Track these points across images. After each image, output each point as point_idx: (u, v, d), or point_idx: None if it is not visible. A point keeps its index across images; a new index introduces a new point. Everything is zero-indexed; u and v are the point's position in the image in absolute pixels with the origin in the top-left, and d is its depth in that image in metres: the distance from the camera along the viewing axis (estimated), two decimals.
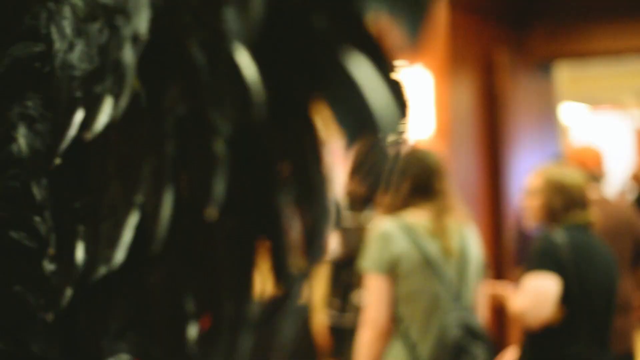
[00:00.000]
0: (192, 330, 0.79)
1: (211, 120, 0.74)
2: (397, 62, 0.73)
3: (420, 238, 4.22)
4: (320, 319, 5.89)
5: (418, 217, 4.33)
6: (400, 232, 4.25)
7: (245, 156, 0.75)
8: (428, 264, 4.19)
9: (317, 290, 5.73)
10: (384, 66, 0.73)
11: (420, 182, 4.38)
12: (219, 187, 0.74)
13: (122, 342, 0.83)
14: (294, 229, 0.76)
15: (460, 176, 7.33)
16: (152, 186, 0.79)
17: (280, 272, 0.76)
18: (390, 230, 4.26)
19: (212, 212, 0.75)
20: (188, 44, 0.75)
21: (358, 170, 0.82)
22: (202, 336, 0.78)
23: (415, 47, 0.71)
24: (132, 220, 0.79)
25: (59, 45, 0.86)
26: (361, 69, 0.72)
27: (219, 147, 0.74)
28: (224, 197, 0.74)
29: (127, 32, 0.80)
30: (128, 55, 0.79)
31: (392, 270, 4.20)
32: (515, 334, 6.82)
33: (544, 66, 9.36)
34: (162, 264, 0.81)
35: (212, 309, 0.78)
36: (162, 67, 0.79)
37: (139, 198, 0.79)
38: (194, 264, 0.80)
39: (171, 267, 0.81)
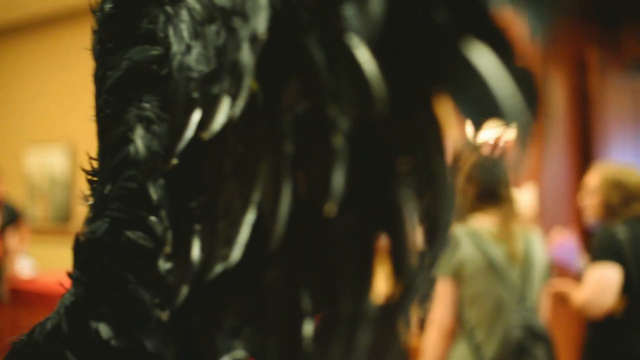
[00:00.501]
0: (308, 328, 0.79)
1: (330, 117, 0.74)
2: (523, 54, 0.73)
3: (485, 243, 4.37)
4: None
5: (484, 222, 4.49)
6: (466, 237, 4.40)
7: (365, 151, 0.75)
8: (492, 268, 4.30)
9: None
10: (509, 56, 0.72)
11: (486, 189, 4.53)
12: (338, 183, 0.74)
13: (237, 340, 0.84)
14: (415, 224, 0.75)
15: (551, 177, 7.25)
16: (269, 184, 0.80)
17: (400, 268, 0.76)
18: (456, 235, 4.40)
19: (331, 208, 0.75)
20: (306, 42, 0.76)
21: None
22: (319, 333, 0.79)
23: (544, 44, 0.71)
24: (249, 219, 0.80)
25: (176, 47, 0.88)
26: (484, 60, 0.71)
27: (338, 142, 0.74)
28: (343, 192, 0.74)
29: (244, 33, 0.81)
30: (246, 56, 0.80)
31: (458, 274, 4.34)
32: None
33: (636, 66, 9.16)
34: (279, 261, 0.81)
35: (329, 307, 0.79)
36: (280, 66, 0.80)
37: (256, 196, 0.80)
38: (311, 261, 0.80)
39: (288, 264, 0.81)
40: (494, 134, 0.77)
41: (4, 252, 7.68)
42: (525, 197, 5.86)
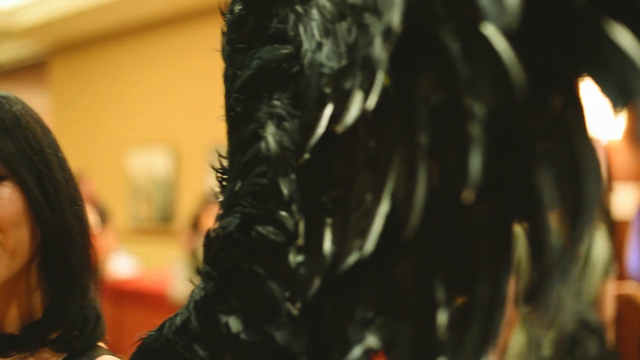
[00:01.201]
0: (443, 316, 0.79)
1: (466, 106, 0.75)
2: None
3: None
4: None
5: None
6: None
7: (502, 138, 0.76)
8: None
9: None
10: None
11: None
12: (476, 170, 0.74)
13: (369, 330, 0.85)
14: (554, 207, 0.75)
15: None
16: (403, 175, 0.81)
17: (540, 251, 0.76)
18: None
19: (469, 195, 0.75)
20: (441, 34, 0.77)
21: None
22: (453, 321, 0.79)
23: None
24: (383, 209, 0.81)
25: (307, 45, 0.90)
26: (628, 40, 0.70)
27: (475, 130, 0.74)
28: (481, 179, 0.75)
29: (376, 29, 0.82)
30: (378, 51, 0.81)
31: (516, 267, 4.26)
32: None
33: None
34: (413, 251, 0.82)
35: (465, 294, 0.79)
36: (414, 59, 0.80)
37: (390, 187, 0.81)
38: (446, 250, 0.81)
39: (422, 253, 0.82)
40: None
41: (100, 252, 7.92)
42: (623, 195, 5.76)
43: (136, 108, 9.19)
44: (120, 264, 8.10)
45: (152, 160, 8.97)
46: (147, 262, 8.41)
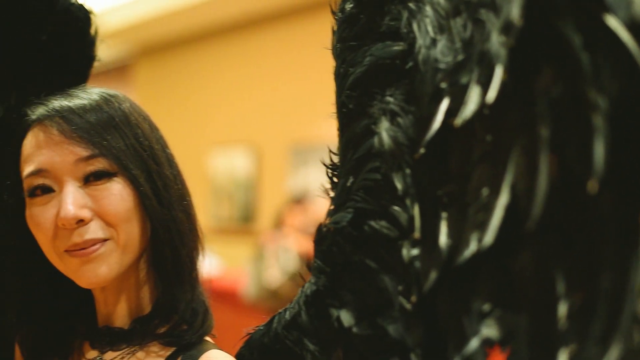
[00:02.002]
0: (563, 308, 0.79)
1: (590, 97, 0.75)
2: None
3: None
4: None
5: None
6: None
7: (625, 128, 0.76)
8: None
9: None
10: None
11: None
12: (600, 160, 0.75)
13: (486, 323, 0.85)
14: None
15: None
16: (522, 167, 0.81)
17: None
18: None
19: (593, 185, 0.75)
20: (563, 27, 0.77)
21: None
22: (576, 311, 0.79)
23: None
24: (503, 202, 0.82)
25: (421, 41, 0.91)
26: None
27: (599, 121, 0.74)
28: (605, 169, 0.75)
29: (493, 24, 0.83)
30: (495, 46, 0.82)
31: None
32: None
33: None
34: (533, 243, 0.82)
35: (587, 286, 0.78)
36: (533, 53, 0.81)
37: (509, 180, 0.81)
38: (568, 241, 0.80)
39: (543, 245, 0.82)
40: None
41: None
42: None
43: (217, 108, 9.27)
44: (202, 263, 8.16)
45: (233, 160, 9.02)
46: (228, 261, 8.48)
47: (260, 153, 8.60)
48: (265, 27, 8.39)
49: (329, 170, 1.04)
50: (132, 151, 1.09)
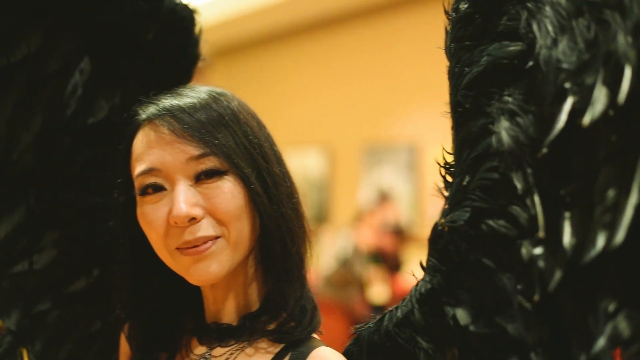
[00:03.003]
0: None
1: None
2: None
3: None
4: None
5: None
6: None
7: None
8: None
9: None
10: None
11: None
12: None
13: (613, 322, 0.85)
14: None
15: None
16: None
17: None
18: None
19: None
20: None
21: None
22: None
23: None
24: (633, 201, 0.81)
25: (542, 42, 0.91)
26: None
27: None
28: None
29: (619, 24, 0.82)
30: (623, 47, 0.81)
31: None
32: None
33: None
34: None
35: None
36: None
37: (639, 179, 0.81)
38: None
39: None
40: None
41: None
42: None
43: (290, 109, 9.30)
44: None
45: (306, 160, 9.05)
46: None
47: (333, 153, 8.61)
48: (337, 28, 8.40)
49: (442, 169, 1.04)
50: (242, 149, 1.09)
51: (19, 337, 1.39)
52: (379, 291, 5.10)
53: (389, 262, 5.35)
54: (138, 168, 1.08)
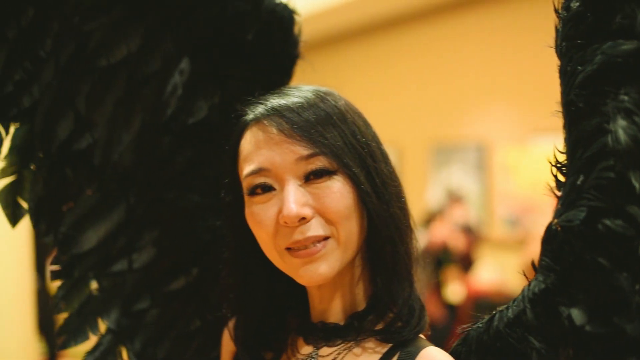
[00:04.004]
0: None
1: None
2: None
3: None
4: None
5: None
6: None
7: None
8: None
9: None
10: None
11: None
12: None
13: None
14: None
15: None
16: None
17: None
18: None
19: None
20: None
21: None
22: None
23: None
24: None
25: None
26: None
27: None
28: None
29: None
30: None
31: None
32: None
33: None
34: None
35: None
36: None
37: None
38: None
39: None
40: None
41: None
42: None
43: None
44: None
45: None
46: None
47: (402, 152, 8.59)
48: (406, 27, 8.38)
49: (554, 169, 1.03)
50: (350, 148, 1.08)
51: (119, 336, 1.42)
52: (454, 290, 5.09)
53: (462, 261, 5.34)
54: (247, 168, 1.08)
